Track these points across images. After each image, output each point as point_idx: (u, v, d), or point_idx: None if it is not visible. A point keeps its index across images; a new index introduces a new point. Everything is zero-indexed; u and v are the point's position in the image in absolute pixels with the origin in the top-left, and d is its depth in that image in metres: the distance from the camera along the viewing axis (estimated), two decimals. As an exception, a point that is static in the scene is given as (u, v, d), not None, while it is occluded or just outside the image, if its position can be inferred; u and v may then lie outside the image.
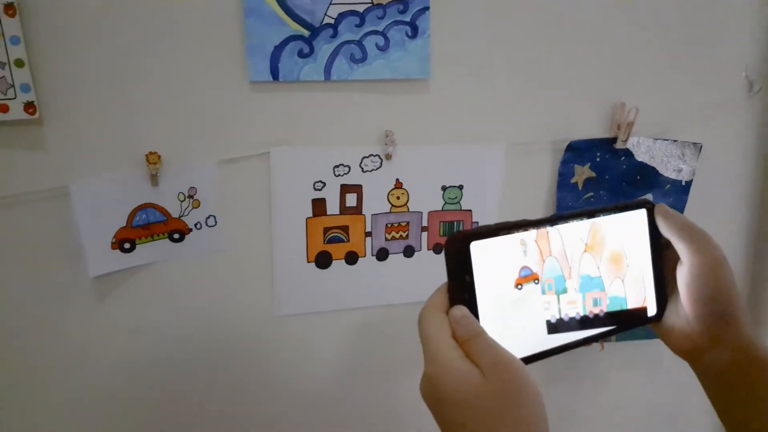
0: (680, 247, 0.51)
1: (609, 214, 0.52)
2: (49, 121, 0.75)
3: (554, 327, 0.49)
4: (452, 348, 0.42)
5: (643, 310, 0.54)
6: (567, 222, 0.49)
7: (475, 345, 0.42)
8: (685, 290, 0.51)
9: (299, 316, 0.93)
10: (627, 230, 0.53)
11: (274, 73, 0.80)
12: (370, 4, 0.80)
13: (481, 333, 0.43)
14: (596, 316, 0.52)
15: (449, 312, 0.44)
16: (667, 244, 0.53)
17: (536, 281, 0.48)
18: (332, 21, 0.80)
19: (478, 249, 0.45)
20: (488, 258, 0.45)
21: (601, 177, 0.98)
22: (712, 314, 0.50)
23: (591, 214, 0.51)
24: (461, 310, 0.44)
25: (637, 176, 0.99)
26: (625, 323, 0.53)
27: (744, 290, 1.11)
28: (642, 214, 0.53)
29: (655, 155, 0.99)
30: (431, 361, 0.42)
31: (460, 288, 0.44)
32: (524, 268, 0.48)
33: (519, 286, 0.48)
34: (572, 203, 0.98)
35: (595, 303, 0.52)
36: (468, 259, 0.44)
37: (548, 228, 0.48)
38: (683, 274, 0.51)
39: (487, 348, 0.42)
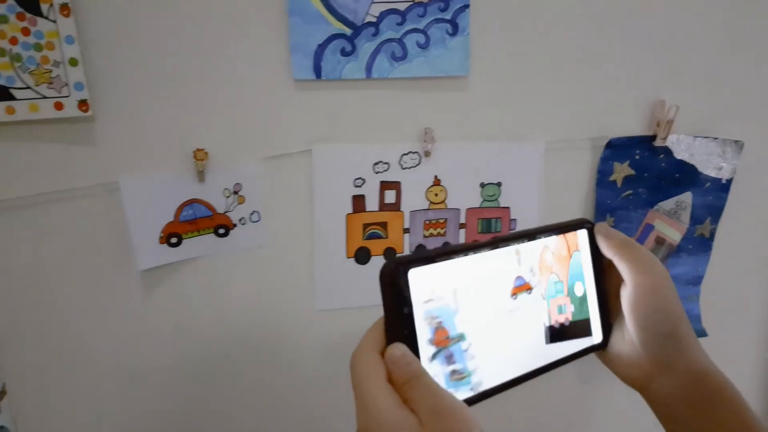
0: (622, 266, 0.48)
1: (549, 235, 0.49)
2: (101, 118, 0.78)
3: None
4: (386, 394, 0.37)
5: (587, 338, 0.51)
6: (508, 245, 0.46)
7: (413, 389, 0.37)
8: (629, 312, 0.47)
9: (340, 311, 0.94)
10: (566, 251, 0.50)
11: (317, 71, 0.82)
12: (412, 3, 0.81)
13: (421, 374, 0.37)
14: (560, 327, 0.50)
15: (386, 351, 0.38)
16: (609, 265, 0.50)
17: (529, 291, 0.47)
18: (374, 19, 0.81)
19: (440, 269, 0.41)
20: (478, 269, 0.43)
21: (640, 175, 0.97)
22: (658, 337, 0.47)
23: (531, 236, 0.47)
24: (399, 349, 0.38)
25: (676, 174, 0.99)
26: (568, 355, 0.50)
27: (785, 290, 1.10)
28: (583, 234, 0.51)
29: (695, 153, 0.98)
30: (364, 412, 0.37)
31: (399, 322, 0.39)
32: (519, 277, 0.46)
33: (514, 296, 0.46)
34: (611, 201, 0.98)
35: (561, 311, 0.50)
36: (406, 288, 0.39)
37: (489, 251, 0.45)
38: (627, 296, 0.48)
39: (427, 392, 0.36)
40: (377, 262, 0.93)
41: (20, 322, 0.83)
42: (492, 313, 0.45)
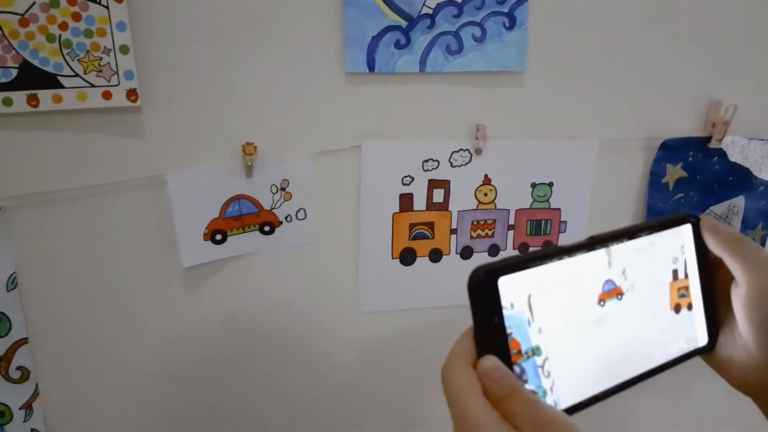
0: (734, 265, 0.44)
1: (651, 233, 0.45)
2: (149, 109, 0.75)
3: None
4: (487, 410, 0.35)
5: (694, 339, 0.47)
6: (606, 246, 0.42)
7: (512, 404, 0.35)
8: (743, 315, 0.44)
9: (382, 313, 0.92)
10: (673, 248, 0.47)
11: (371, 65, 0.79)
12: (469, -5, 0.79)
13: (519, 388, 0.36)
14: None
15: (477, 364, 0.36)
16: (718, 263, 0.47)
17: (620, 297, 0.43)
18: (430, 11, 0.79)
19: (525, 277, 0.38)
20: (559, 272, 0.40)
21: (692, 177, 0.95)
22: None
23: (631, 235, 0.44)
24: (492, 361, 0.36)
25: (730, 177, 0.96)
26: (674, 359, 0.46)
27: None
28: (687, 229, 0.47)
29: (750, 156, 0.95)
30: (463, 427, 0.35)
31: (490, 333, 0.37)
32: (608, 281, 0.43)
33: (602, 303, 0.42)
34: (662, 204, 0.95)
35: None
36: (496, 297, 0.37)
37: (585, 254, 0.41)
38: (739, 296, 0.44)
39: (527, 406, 0.35)
40: (422, 264, 0.90)
41: (59, 319, 0.80)
42: (574, 323, 0.41)
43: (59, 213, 0.76)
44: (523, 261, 0.38)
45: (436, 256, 0.91)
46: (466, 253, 0.92)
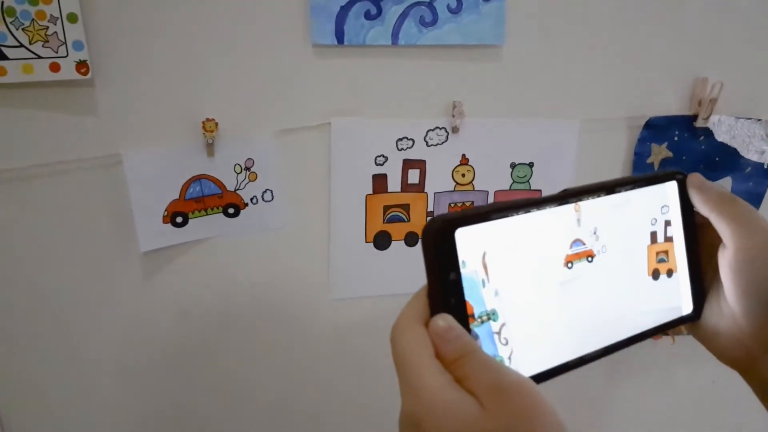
0: (722, 226, 0.41)
1: (632, 189, 0.41)
2: (101, 83, 0.70)
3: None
4: (437, 373, 0.32)
5: (677, 307, 0.44)
6: (580, 200, 0.39)
7: (466, 366, 0.32)
8: (730, 280, 0.41)
9: (354, 300, 0.88)
10: (652, 208, 0.43)
11: (339, 36, 0.75)
12: (444, -37, 0.75)
13: (475, 349, 0.33)
14: None
15: (429, 324, 0.33)
16: (704, 224, 0.43)
17: (590, 259, 0.40)
18: (402, -20, 0.74)
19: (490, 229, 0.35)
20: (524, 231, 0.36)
21: (678, 157, 0.91)
22: (765, 309, 0.40)
23: (609, 189, 0.40)
24: (445, 320, 0.33)
25: (716, 158, 0.93)
26: (655, 327, 0.43)
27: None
28: (672, 186, 0.43)
29: (737, 135, 0.92)
30: (412, 393, 0.32)
31: (444, 290, 0.33)
32: (577, 241, 0.39)
33: (569, 264, 0.39)
34: (646, 185, 0.91)
35: None
36: (453, 251, 0.33)
37: (554, 209, 0.38)
38: (727, 260, 0.41)
39: (485, 368, 0.32)
40: (397, 248, 0.87)
41: (9, 305, 0.76)
42: (536, 286, 0.37)
43: (4, 194, 0.71)
44: (485, 212, 0.34)
45: (412, 239, 0.87)
46: (442, 236, 0.88)
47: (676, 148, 0.91)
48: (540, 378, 0.37)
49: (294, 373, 0.90)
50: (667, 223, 0.43)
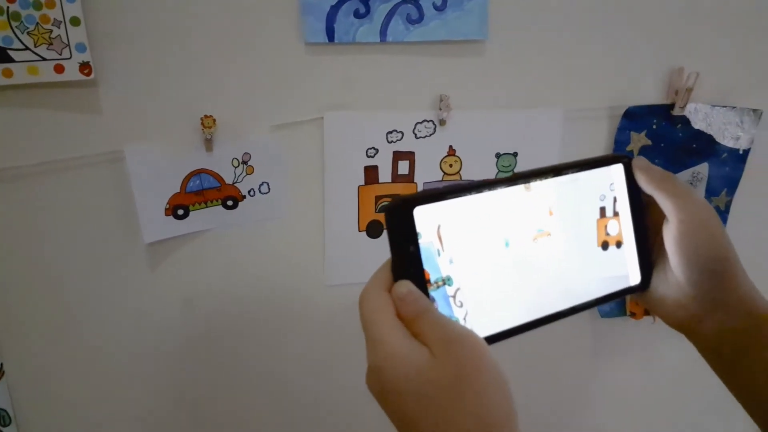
0: (665, 202, 0.46)
1: (579, 171, 0.45)
2: (104, 82, 0.74)
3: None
4: (396, 328, 0.37)
5: (625, 277, 0.48)
6: (528, 181, 0.43)
7: (422, 323, 0.37)
8: (674, 251, 0.45)
9: (349, 286, 0.92)
10: (601, 185, 0.47)
11: (330, 35, 0.78)
12: (428, -38, 0.78)
13: (429, 308, 0.37)
14: None
15: (392, 289, 0.38)
16: (649, 202, 0.48)
17: (541, 231, 0.44)
18: (389, -20, 0.78)
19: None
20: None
21: (656, 145, 0.95)
22: (706, 275, 0.45)
23: (558, 171, 0.44)
24: (406, 286, 0.38)
25: (693, 144, 0.96)
26: (605, 295, 0.47)
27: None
28: (618, 169, 0.47)
29: (713, 122, 0.96)
30: (374, 347, 0.37)
31: (405, 261, 0.38)
32: (530, 216, 0.43)
33: (522, 237, 0.43)
34: (627, 172, 0.95)
35: None
36: (412, 226, 0.38)
37: (505, 189, 0.42)
38: (671, 233, 0.45)
39: (436, 324, 0.37)
40: (390, 236, 0.90)
41: (19, 299, 0.79)
42: (490, 256, 0.42)
43: (13, 191, 0.75)
44: (441, 192, 0.39)
45: (402, 228, 0.91)
46: (432, 224, 0.92)
47: (655, 136, 0.95)
48: (494, 338, 0.41)
49: (292, 356, 0.94)
50: (615, 200, 0.48)
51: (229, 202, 0.83)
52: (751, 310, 0.45)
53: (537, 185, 0.43)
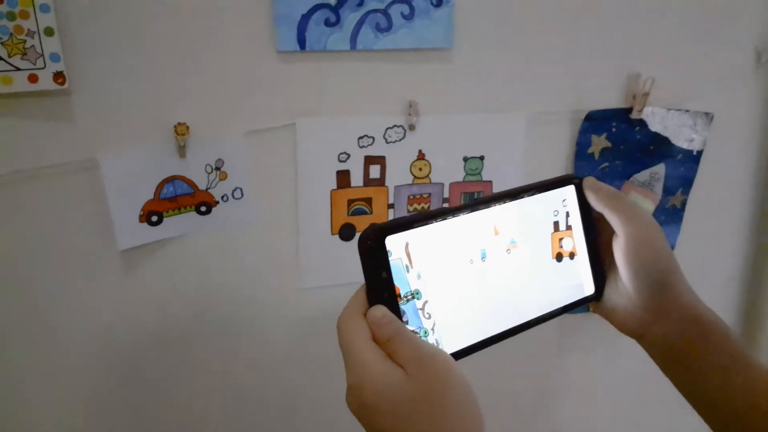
0: (613, 218, 0.49)
1: (534, 194, 0.49)
2: (77, 91, 0.74)
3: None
4: (372, 350, 0.39)
5: (581, 288, 0.52)
6: (489, 206, 0.47)
7: (396, 344, 0.40)
8: (623, 263, 0.49)
9: (323, 288, 0.94)
10: (554, 202, 0.51)
11: (302, 43, 0.80)
12: (396, -27, 0.81)
13: (402, 330, 0.40)
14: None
15: (368, 313, 0.41)
16: (600, 219, 0.51)
17: (500, 246, 0.48)
18: (358, -10, 0.80)
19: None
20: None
21: (616, 147, 0.99)
22: (652, 285, 0.49)
23: (514, 196, 0.48)
24: (380, 310, 0.41)
25: (651, 146, 1.01)
26: (563, 306, 0.51)
27: (749, 254, 1.14)
28: (570, 190, 0.51)
29: (669, 125, 1.00)
30: (352, 367, 0.40)
31: (378, 286, 0.41)
32: (490, 234, 0.47)
33: (483, 253, 0.47)
34: (588, 173, 0.99)
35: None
36: (384, 254, 0.41)
37: (470, 215, 0.46)
38: (620, 247, 0.49)
39: (409, 344, 0.40)
40: (362, 238, 0.93)
41: (-7, 306, 0.79)
42: (454, 272, 0.45)
43: (-11, 199, 0.75)
44: (409, 221, 0.42)
45: (374, 230, 0.93)
46: (403, 226, 0.94)
47: (614, 139, 0.99)
48: (462, 354, 0.45)
49: (267, 358, 0.95)
50: (568, 214, 0.51)
51: (203, 208, 0.84)
52: (694, 317, 0.49)
53: (495, 208, 0.47)
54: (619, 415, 1.19)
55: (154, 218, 0.82)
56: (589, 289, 0.53)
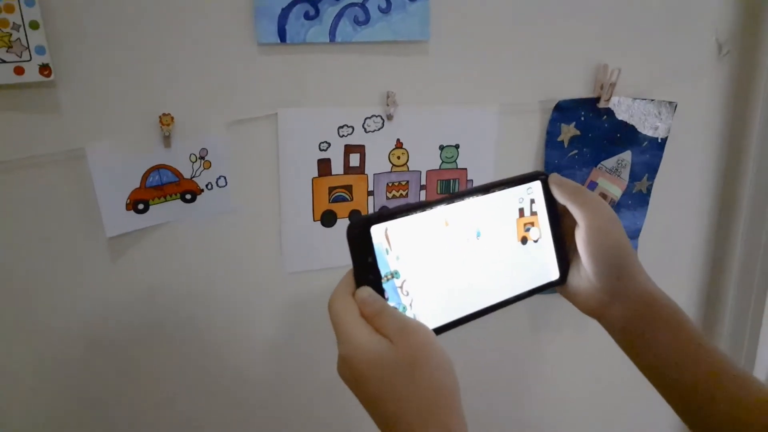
0: (575, 210, 0.54)
1: (504, 189, 0.55)
2: (63, 83, 0.76)
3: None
4: (361, 325, 0.44)
5: (546, 273, 0.58)
6: (463, 199, 0.52)
7: (381, 319, 0.45)
8: (583, 250, 0.54)
9: (306, 273, 0.97)
10: (520, 190, 0.56)
11: (282, 35, 0.83)
12: (373, -32, 0.83)
13: (386, 307, 0.45)
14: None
15: (355, 293, 0.46)
16: (564, 211, 0.57)
17: (471, 231, 0.53)
18: (337, -16, 0.83)
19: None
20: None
21: (585, 135, 1.04)
22: (610, 269, 0.53)
23: (486, 190, 0.53)
24: (366, 291, 0.46)
25: (618, 134, 1.05)
26: (531, 289, 0.57)
27: (711, 238, 1.20)
28: (537, 185, 0.57)
29: (634, 114, 1.05)
30: (343, 341, 0.45)
31: (364, 269, 0.46)
32: (462, 223, 0.52)
33: (458, 240, 0.52)
34: (558, 161, 1.04)
35: None
36: (369, 242, 0.46)
37: (445, 206, 0.51)
38: (581, 236, 0.54)
39: (393, 318, 0.45)
40: (343, 225, 0.96)
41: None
42: (430, 255, 0.50)
43: (-23, 189, 0.76)
44: (393, 213, 0.48)
45: (355, 216, 0.97)
46: (382, 213, 0.98)
47: (583, 127, 1.03)
48: (439, 330, 0.50)
49: (255, 342, 0.98)
50: (532, 201, 0.57)
51: (188, 196, 0.86)
52: (647, 299, 0.54)
53: (468, 201, 0.52)
54: (585, 385, 1.24)
55: (141, 206, 0.84)
56: (554, 274, 0.58)
